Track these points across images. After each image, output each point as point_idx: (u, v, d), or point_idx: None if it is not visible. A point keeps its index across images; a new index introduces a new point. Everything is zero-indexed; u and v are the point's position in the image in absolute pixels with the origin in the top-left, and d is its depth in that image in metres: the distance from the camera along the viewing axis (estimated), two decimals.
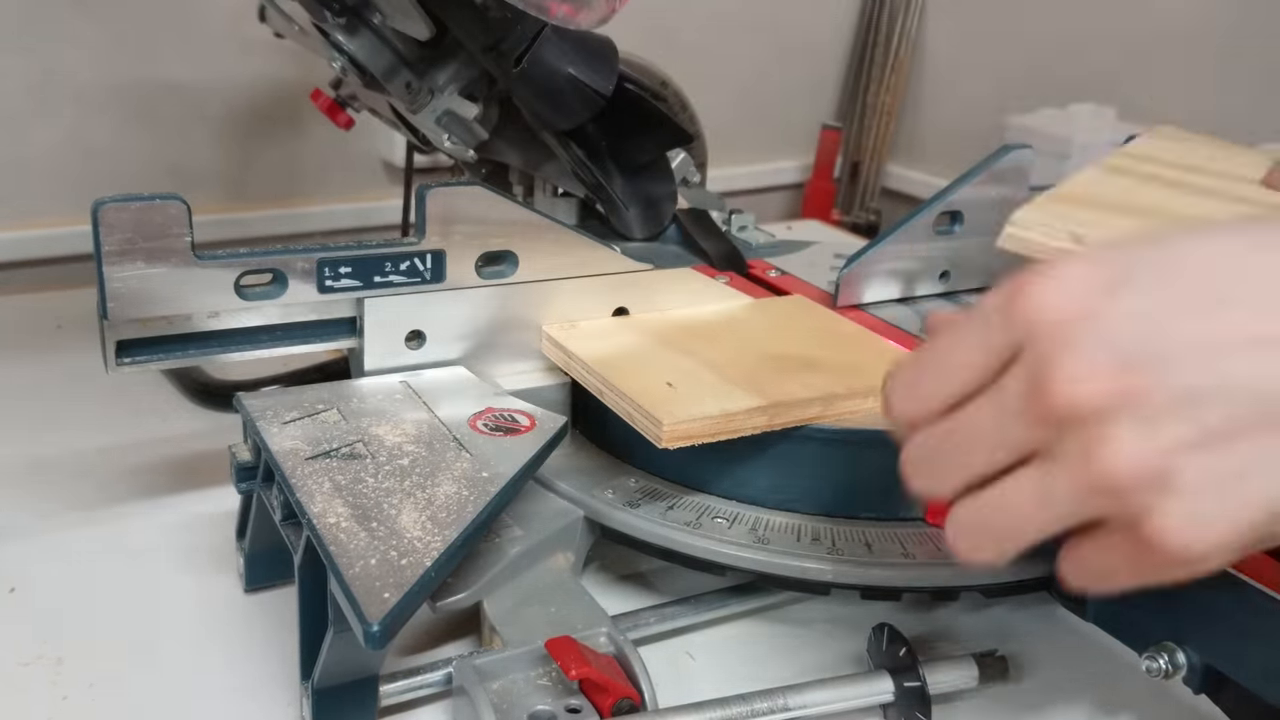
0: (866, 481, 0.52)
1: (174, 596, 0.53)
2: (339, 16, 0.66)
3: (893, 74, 1.61)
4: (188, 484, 0.62)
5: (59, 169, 1.12)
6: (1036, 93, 1.42)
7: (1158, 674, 0.43)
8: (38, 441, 0.67)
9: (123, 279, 0.48)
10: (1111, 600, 0.46)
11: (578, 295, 0.59)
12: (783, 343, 0.58)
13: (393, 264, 0.53)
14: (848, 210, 1.67)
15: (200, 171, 1.20)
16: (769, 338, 0.59)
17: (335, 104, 0.83)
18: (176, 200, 0.48)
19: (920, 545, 0.50)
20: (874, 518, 0.52)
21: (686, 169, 0.80)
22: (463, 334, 0.56)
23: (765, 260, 0.74)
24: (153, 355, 0.51)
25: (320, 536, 0.41)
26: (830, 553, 0.49)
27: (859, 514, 0.52)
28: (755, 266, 0.72)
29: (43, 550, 0.56)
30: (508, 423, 0.51)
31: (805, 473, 0.52)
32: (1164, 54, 1.34)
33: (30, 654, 0.49)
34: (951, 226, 0.68)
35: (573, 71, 0.64)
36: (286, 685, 0.47)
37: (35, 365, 0.77)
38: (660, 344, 0.57)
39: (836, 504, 0.52)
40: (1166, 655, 0.43)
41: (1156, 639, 0.44)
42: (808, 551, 0.49)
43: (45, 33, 1.08)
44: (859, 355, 0.58)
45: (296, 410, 0.50)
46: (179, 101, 1.17)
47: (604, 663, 0.44)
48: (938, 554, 0.50)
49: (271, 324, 0.53)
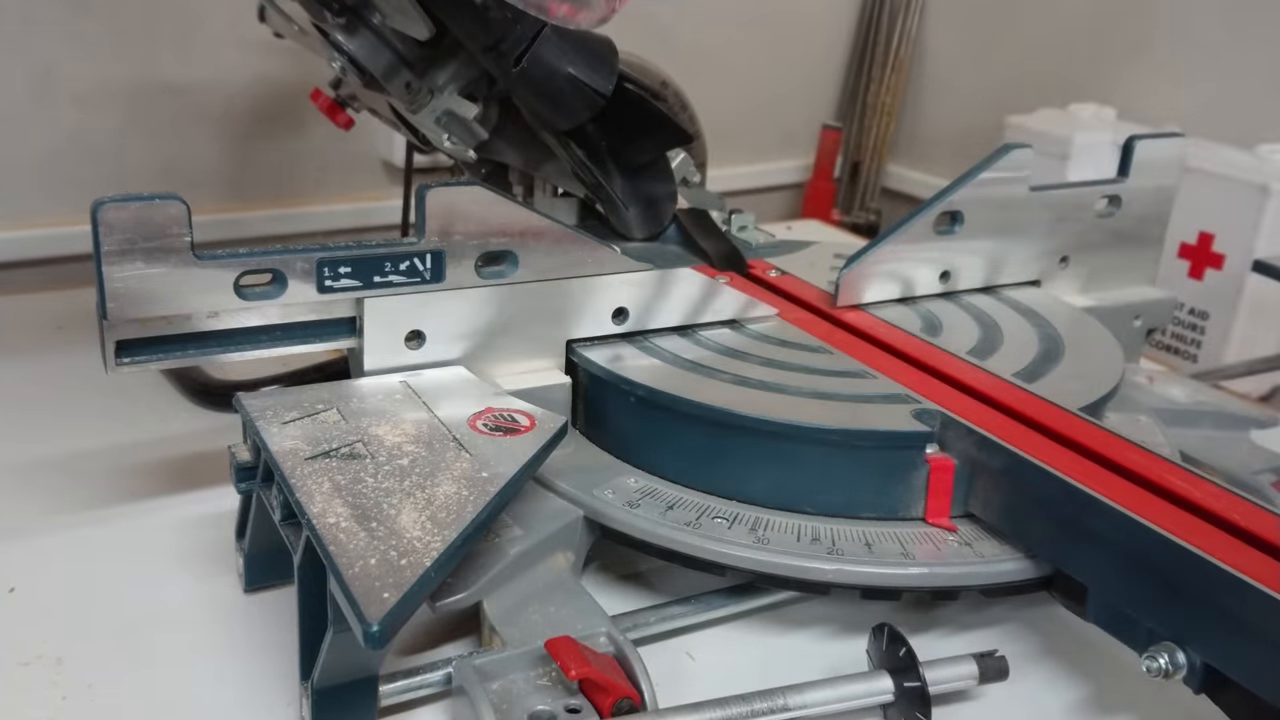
0: (866, 480, 0.52)
1: (174, 596, 0.53)
2: (338, 16, 0.66)
3: (893, 74, 1.61)
4: (188, 484, 0.62)
5: (59, 169, 1.12)
6: (1036, 93, 1.42)
7: (1158, 674, 0.43)
8: (38, 441, 0.67)
9: (122, 279, 0.48)
10: (1112, 600, 0.46)
11: (578, 295, 0.58)
12: None
13: (392, 264, 0.53)
14: (848, 210, 1.67)
15: (200, 171, 1.20)
16: None
17: (335, 104, 0.83)
18: (176, 200, 0.48)
19: (920, 545, 0.50)
20: (874, 517, 0.52)
21: (686, 169, 0.80)
22: (462, 334, 0.56)
23: (765, 260, 0.74)
24: (152, 355, 0.51)
25: (320, 536, 0.41)
26: (830, 553, 0.49)
27: (859, 514, 0.52)
28: (755, 266, 0.72)
29: (43, 550, 0.56)
30: (507, 423, 0.51)
31: (805, 472, 0.52)
32: (1164, 54, 1.34)
33: (30, 654, 0.49)
34: (952, 226, 0.68)
35: (572, 71, 0.64)
36: (286, 685, 0.47)
37: (35, 365, 0.77)
38: None
39: (837, 504, 0.52)
40: (1166, 655, 0.43)
41: (1157, 639, 0.44)
42: (808, 551, 0.49)
43: (45, 33, 1.08)
44: None
45: (296, 410, 0.50)
46: (179, 101, 1.17)
47: (604, 663, 0.44)
48: (938, 554, 0.50)
49: (271, 324, 0.53)
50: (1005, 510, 0.51)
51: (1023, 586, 0.50)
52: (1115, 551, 0.46)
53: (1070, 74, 1.43)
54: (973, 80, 1.58)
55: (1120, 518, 0.45)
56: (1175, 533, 0.43)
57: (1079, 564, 0.48)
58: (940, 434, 0.52)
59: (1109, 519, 0.45)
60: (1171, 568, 0.43)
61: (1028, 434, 0.52)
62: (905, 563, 0.49)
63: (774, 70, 1.59)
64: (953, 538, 0.51)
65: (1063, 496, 0.47)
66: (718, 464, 0.53)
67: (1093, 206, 0.72)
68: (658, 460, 0.55)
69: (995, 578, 0.49)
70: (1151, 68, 1.36)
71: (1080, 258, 0.73)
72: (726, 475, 0.53)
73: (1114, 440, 0.51)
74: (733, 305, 0.63)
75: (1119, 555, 0.46)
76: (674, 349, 0.60)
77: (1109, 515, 0.45)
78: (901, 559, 0.49)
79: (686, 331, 0.62)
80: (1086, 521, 0.46)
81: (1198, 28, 1.31)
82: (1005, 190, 0.68)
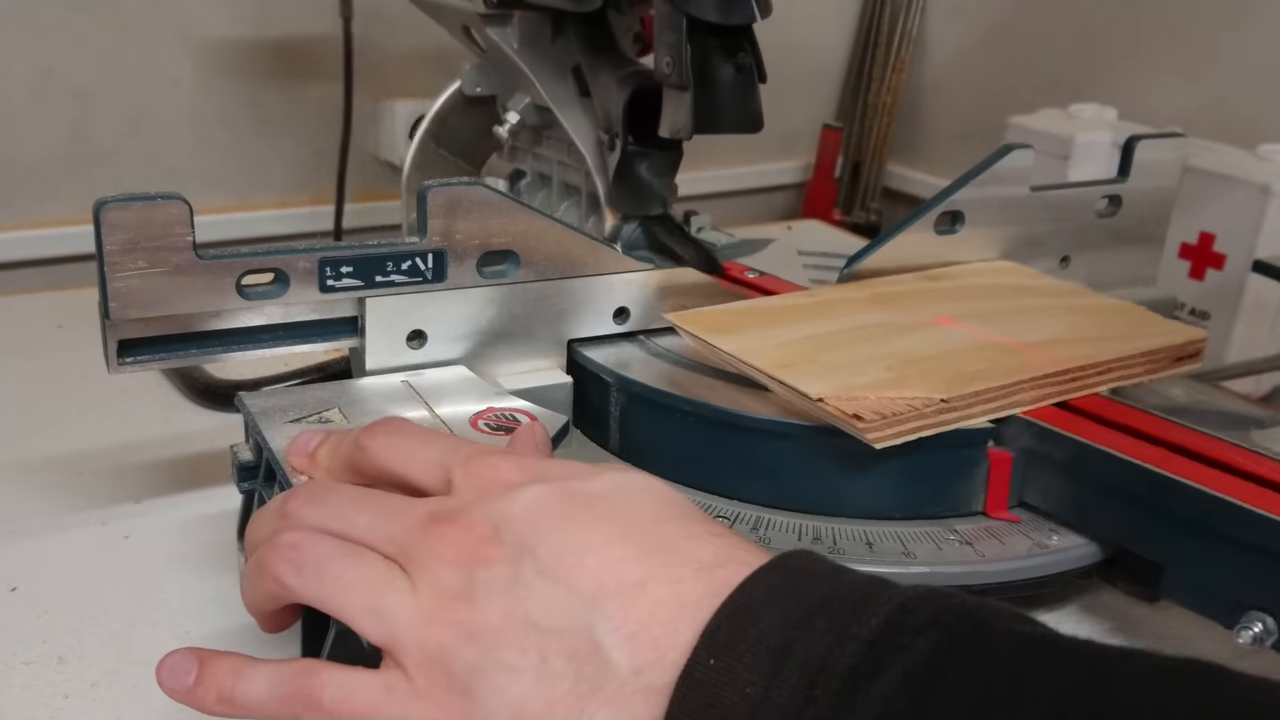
0: (865, 480, 0.52)
1: (175, 596, 0.53)
2: None
3: (893, 74, 1.61)
4: (188, 484, 0.62)
5: (59, 169, 1.12)
6: (1037, 93, 1.42)
7: (1252, 642, 0.43)
8: (38, 441, 0.67)
9: (124, 278, 0.48)
10: (1191, 575, 0.47)
11: (579, 295, 0.59)
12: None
13: (394, 263, 0.53)
14: (848, 210, 1.67)
15: (201, 171, 1.20)
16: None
17: None
18: (178, 200, 0.48)
19: (921, 545, 0.50)
20: (875, 516, 0.52)
21: (704, 221, 0.80)
22: (464, 333, 0.56)
23: (738, 261, 0.72)
24: (154, 355, 0.51)
25: None
26: (831, 553, 0.49)
27: (859, 513, 0.52)
28: (730, 269, 0.71)
29: (43, 550, 0.56)
30: (509, 422, 0.51)
31: (805, 471, 0.52)
32: (1164, 54, 1.34)
33: (31, 653, 0.49)
34: (953, 226, 0.68)
35: None
36: None
37: (36, 365, 0.77)
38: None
39: (837, 503, 0.52)
40: (1260, 624, 0.44)
41: (1244, 609, 0.44)
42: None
43: (45, 33, 1.08)
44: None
45: (298, 410, 0.50)
46: (179, 101, 1.17)
47: None
48: (938, 554, 0.50)
49: (273, 323, 0.53)
50: (1067, 498, 0.51)
51: (1023, 587, 0.50)
52: (1196, 529, 0.46)
53: (1070, 74, 1.43)
54: (973, 80, 1.58)
55: (1199, 495, 0.46)
56: (1251, 503, 0.44)
57: (1152, 544, 0.49)
58: (998, 430, 0.53)
59: (1188, 497, 0.46)
60: (1251, 537, 0.44)
61: (1083, 423, 0.52)
62: (906, 562, 0.49)
63: (774, 70, 1.59)
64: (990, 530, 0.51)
65: (1135, 480, 0.48)
66: (718, 463, 0.53)
67: (1093, 206, 0.72)
68: (657, 460, 0.55)
69: (995, 578, 0.49)
70: (1151, 68, 1.36)
71: (1080, 258, 0.73)
72: (727, 474, 0.53)
73: (1169, 424, 0.52)
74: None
75: (1200, 532, 0.46)
76: (676, 349, 0.60)
77: (1188, 494, 0.46)
78: (902, 558, 0.49)
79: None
80: (1163, 502, 0.47)
81: (1198, 28, 1.31)
82: (1006, 190, 0.68)
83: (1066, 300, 0.65)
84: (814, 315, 0.59)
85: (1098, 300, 0.65)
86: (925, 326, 0.58)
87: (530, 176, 0.82)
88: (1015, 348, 0.56)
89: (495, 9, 0.73)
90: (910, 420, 0.48)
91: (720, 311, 0.60)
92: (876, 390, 0.49)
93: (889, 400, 0.49)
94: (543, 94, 0.74)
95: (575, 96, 0.74)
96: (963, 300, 0.62)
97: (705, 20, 0.61)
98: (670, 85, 0.63)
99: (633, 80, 0.68)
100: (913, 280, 0.65)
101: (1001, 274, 0.68)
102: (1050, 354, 0.55)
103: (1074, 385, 0.54)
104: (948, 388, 0.50)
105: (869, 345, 0.55)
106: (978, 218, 0.68)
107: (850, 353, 0.54)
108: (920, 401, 0.49)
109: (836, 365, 0.52)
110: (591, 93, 0.73)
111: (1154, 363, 0.57)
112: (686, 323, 0.57)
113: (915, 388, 0.50)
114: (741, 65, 0.66)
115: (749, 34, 0.66)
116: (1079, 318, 0.61)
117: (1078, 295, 0.66)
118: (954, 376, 0.51)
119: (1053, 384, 0.53)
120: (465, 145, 0.85)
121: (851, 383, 0.50)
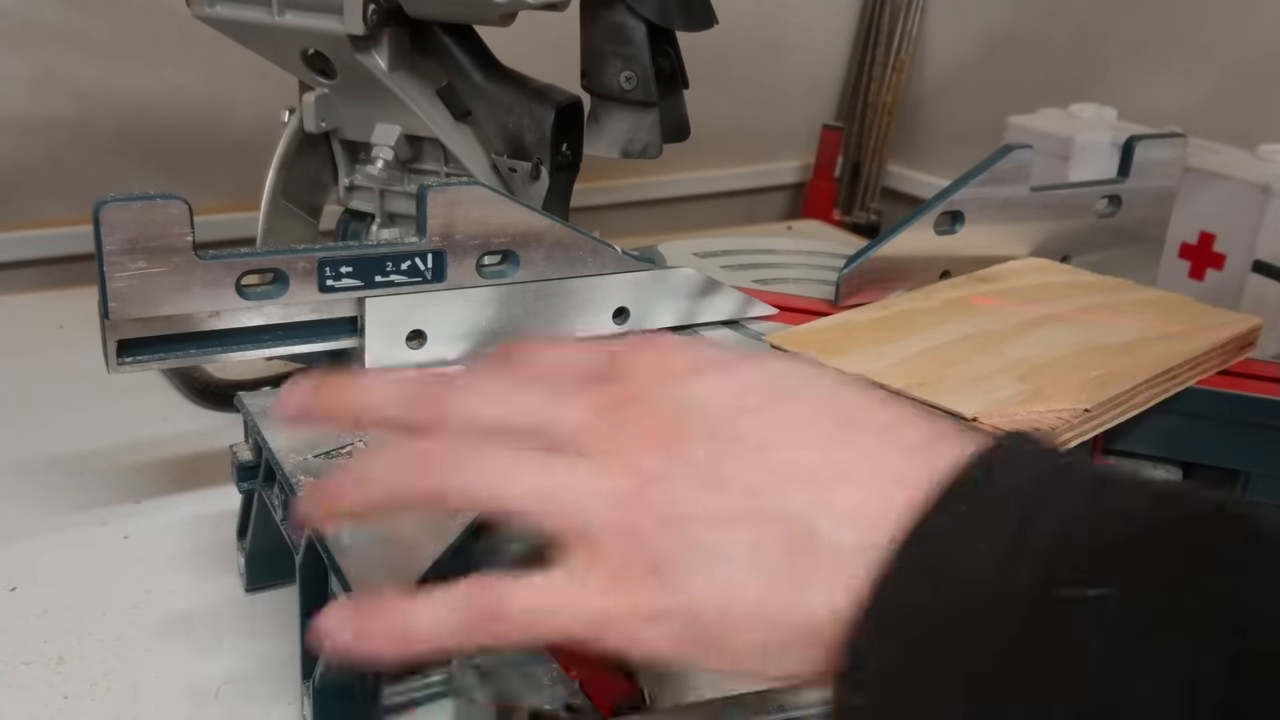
0: None
1: (174, 596, 0.53)
2: None
3: (893, 74, 1.61)
4: (188, 484, 0.62)
5: (59, 169, 1.12)
6: (1037, 93, 1.42)
7: None
8: (38, 441, 0.67)
9: (124, 278, 0.48)
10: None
11: (578, 295, 0.59)
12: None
13: (393, 263, 0.53)
14: (848, 210, 1.67)
15: (201, 171, 1.20)
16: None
17: None
18: (178, 200, 0.48)
19: None
20: None
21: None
22: (463, 333, 0.56)
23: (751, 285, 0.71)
24: (154, 355, 0.51)
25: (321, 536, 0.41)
26: None
27: None
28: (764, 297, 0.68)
29: (43, 550, 0.56)
30: None
31: None
32: (1164, 54, 1.34)
33: (31, 653, 0.49)
34: (953, 226, 0.68)
35: None
36: (286, 685, 0.47)
37: (36, 365, 0.77)
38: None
39: None
40: None
41: None
42: None
43: (45, 33, 1.08)
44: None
45: None
46: (180, 101, 1.17)
47: (604, 662, 0.44)
48: None
49: (272, 323, 0.53)
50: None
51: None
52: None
53: (1070, 74, 1.43)
54: (973, 80, 1.58)
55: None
56: None
57: (1233, 455, 0.54)
58: None
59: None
60: None
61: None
62: None
63: (774, 70, 1.59)
64: None
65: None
66: None
67: (1093, 206, 0.72)
68: None
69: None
70: (1151, 68, 1.36)
71: (1081, 258, 0.73)
72: None
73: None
74: (732, 305, 0.63)
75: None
76: None
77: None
78: None
79: (686, 331, 0.62)
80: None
81: (1198, 28, 1.31)
82: (1006, 190, 0.68)
83: (1124, 295, 0.64)
84: (907, 327, 0.58)
85: (1151, 294, 0.65)
86: (1025, 331, 0.57)
87: (380, 218, 0.72)
88: (1123, 348, 0.55)
89: (374, 29, 0.63)
90: (1064, 433, 0.48)
91: (817, 331, 0.59)
92: (1025, 406, 0.48)
93: (1039, 415, 0.48)
94: (425, 120, 0.67)
95: (452, 120, 0.68)
96: (1035, 301, 0.62)
97: (666, 28, 0.59)
98: (630, 100, 0.61)
99: (549, 98, 0.64)
100: (968, 284, 0.65)
101: (1043, 272, 0.68)
102: (1153, 353, 0.54)
103: (1174, 383, 0.54)
104: (1087, 396, 0.49)
105: (986, 356, 0.54)
106: (978, 218, 0.68)
107: (974, 365, 0.53)
108: (1068, 413, 0.48)
109: (968, 379, 0.51)
110: (474, 114, 0.66)
111: (1227, 352, 0.58)
112: (794, 345, 0.56)
113: (1056, 399, 0.49)
114: (667, 72, 0.63)
115: (673, 39, 0.63)
116: (1149, 313, 0.61)
117: (1129, 290, 0.65)
118: (1083, 383, 0.50)
119: (1161, 383, 0.53)
120: (305, 194, 0.74)
121: (995, 398, 0.49)
